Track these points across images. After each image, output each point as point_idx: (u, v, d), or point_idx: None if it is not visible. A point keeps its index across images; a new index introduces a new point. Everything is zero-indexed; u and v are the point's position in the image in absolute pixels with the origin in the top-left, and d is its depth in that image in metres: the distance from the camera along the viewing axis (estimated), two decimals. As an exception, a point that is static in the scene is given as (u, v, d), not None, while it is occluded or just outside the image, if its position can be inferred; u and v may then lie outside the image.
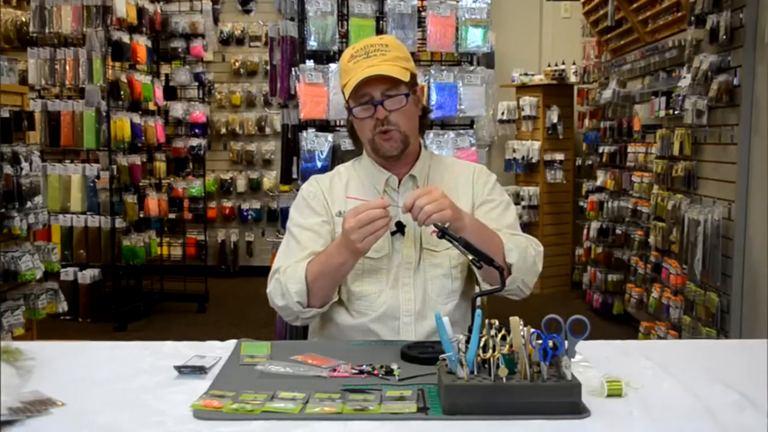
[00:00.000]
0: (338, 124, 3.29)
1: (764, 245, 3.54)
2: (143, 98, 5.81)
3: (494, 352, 1.34)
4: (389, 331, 1.89)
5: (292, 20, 3.37)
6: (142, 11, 5.72)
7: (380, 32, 3.17)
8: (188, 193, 6.55)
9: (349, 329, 1.91)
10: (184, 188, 6.52)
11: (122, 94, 5.49)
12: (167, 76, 6.43)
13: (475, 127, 3.34)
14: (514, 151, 6.82)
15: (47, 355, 1.64)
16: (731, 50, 3.76)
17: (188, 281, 6.24)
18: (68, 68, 5.42)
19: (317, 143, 3.14)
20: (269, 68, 3.75)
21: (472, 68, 3.24)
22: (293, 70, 3.25)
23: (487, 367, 1.35)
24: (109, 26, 5.39)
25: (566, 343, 1.37)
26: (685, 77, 4.08)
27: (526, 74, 6.83)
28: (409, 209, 1.69)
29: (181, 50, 6.27)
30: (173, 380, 1.52)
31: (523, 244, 1.86)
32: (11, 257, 3.87)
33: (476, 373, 1.36)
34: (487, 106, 3.28)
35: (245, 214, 7.68)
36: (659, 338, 4.40)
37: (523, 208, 6.69)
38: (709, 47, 3.94)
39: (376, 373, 1.52)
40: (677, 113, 4.25)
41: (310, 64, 3.16)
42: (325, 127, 3.25)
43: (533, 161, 6.72)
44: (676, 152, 4.25)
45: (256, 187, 7.66)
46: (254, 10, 7.50)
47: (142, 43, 5.76)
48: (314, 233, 1.93)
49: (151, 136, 5.89)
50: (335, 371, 1.54)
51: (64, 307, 4.34)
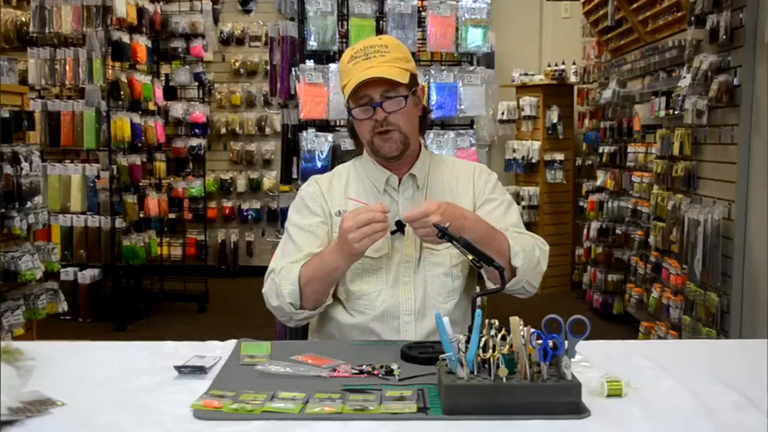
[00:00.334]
0: (338, 124, 3.29)
1: (764, 245, 3.54)
2: (143, 98, 5.81)
3: (494, 352, 1.34)
4: (389, 330, 1.89)
5: (292, 20, 3.37)
6: (142, 11, 5.72)
7: (380, 32, 3.17)
8: (188, 193, 6.54)
9: (349, 328, 1.91)
10: (184, 188, 6.51)
11: (122, 94, 5.49)
12: (167, 76, 6.43)
13: (475, 127, 3.34)
14: (514, 151, 6.81)
15: (47, 355, 1.64)
16: (731, 50, 3.76)
17: (188, 281, 6.24)
18: (68, 68, 5.42)
19: (317, 143, 3.14)
20: (269, 68, 3.75)
21: (472, 68, 3.24)
22: (293, 70, 3.25)
23: (487, 367, 1.35)
24: (109, 26, 5.39)
25: (566, 343, 1.37)
26: (685, 77, 4.08)
27: (526, 74, 6.83)
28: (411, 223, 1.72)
29: (181, 50, 6.27)
30: (173, 380, 1.52)
31: (529, 245, 1.86)
32: (11, 257, 3.87)
33: (476, 373, 1.36)
34: (487, 106, 3.28)
35: (245, 214, 7.68)
36: (659, 338, 4.40)
37: (523, 208, 6.68)
38: (709, 47, 3.94)
39: (376, 373, 1.52)
40: (677, 113, 4.25)
41: (310, 64, 3.16)
42: (325, 127, 3.25)
43: (533, 161, 6.72)
44: (676, 152, 4.25)
45: (256, 187, 7.66)
46: (254, 10, 7.50)
47: (142, 43, 5.76)
48: (311, 234, 1.94)
49: (151, 136, 5.89)
50: (335, 371, 1.54)
51: (64, 307, 4.34)
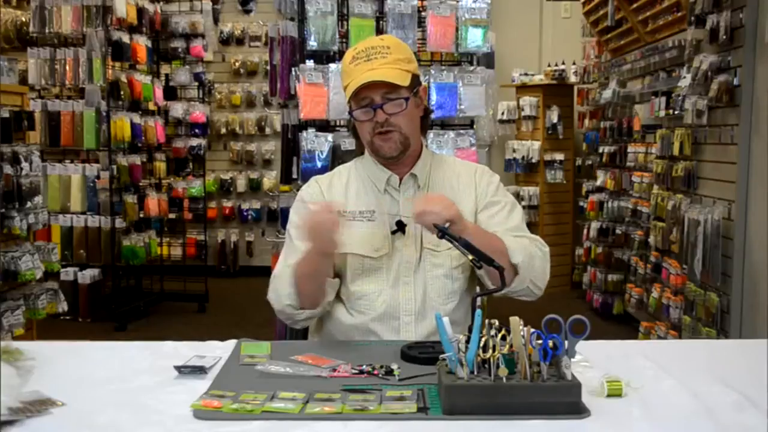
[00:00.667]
0: (338, 124, 3.30)
1: (764, 245, 3.54)
2: (143, 98, 5.81)
3: (494, 352, 1.34)
4: (389, 330, 1.89)
5: (292, 20, 3.37)
6: (142, 11, 5.72)
7: (380, 32, 3.17)
8: (188, 193, 6.54)
9: (349, 328, 1.91)
10: (184, 188, 6.51)
11: (122, 94, 5.49)
12: (167, 76, 6.43)
13: (475, 127, 3.34)
14: (514, 151, 6.81)
15: (47, 355, 1.64)
16: (731, 50, 3.76)
17: (188, 281, 6.24)
18: (68, 68, 5.42)
19: (317, 143, 3.14)
20: (269, 68, 3.75)
21: (472, 68, 3.24)
22: (293, 70, 3.25)
23: (487, 367, 1.35)
24: (109, 26, 5.39)
25: (566, 343, 1.37)
26: (685, 77, 4.08)
27: (526, 74, 6.83)
28: (418, 218, 1.71)
29: (181, 50, 6.27)
30: (173, 380, 1.52)
31: (528, 245, 1.86)
32: (11, 257, 3.87)
33: (476, 373, 1.36)
34: (487, 106, 3.28)
35: (245, 214, 7.67)
36: (659, 338, 4.40)
37: (523, 208, 6.61)
38: (709, 47, 3.94)
39: (376, 373, 1.52)
40: (677, 113, 4.25)
41: (310, 64, 3.16)
42: (325, 127, 3.25)
43: (533, 161, 6.72)
44: (676, 152, 4.25)
45: (256, 187, 7.66)
46: (254, 10, 7.50)
47: (142, 43, 5.76)
48: None
49: (151, 136, 5.88)
50: (335, 371, 1.54)
51: (64, 307, 4.34)
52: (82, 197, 5.49)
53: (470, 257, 1.63)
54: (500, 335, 1.36)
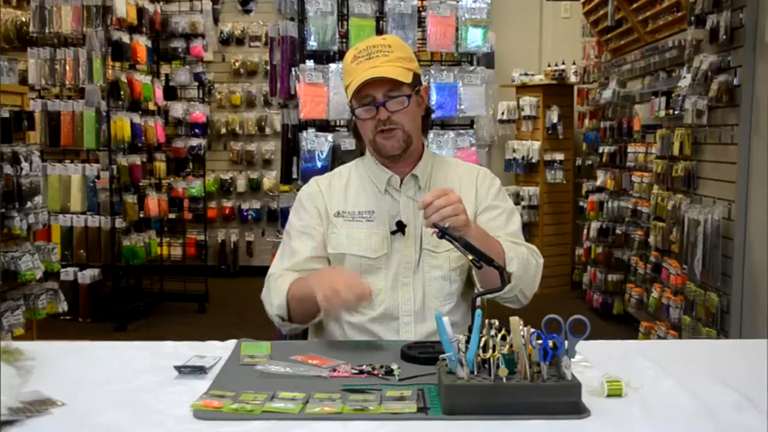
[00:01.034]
0: (338, 124, 3.29)
1: (764, 245, 3.54)
2: (143, 98, 5.81)
3: (494, 352, 1.34)
4: (389, 331, 1.89)
5: (292, 20, 3.37)
6: (142, 11, 5.72)
7: (380, 32, 3.17)
8: (188, 193, 6.54)
9: (348, 329, 1.91)
10: (184, 188, 6.51)
11: (122, 94, 5.49)
12: (167, 76, 6.43)
13: (475, 127, 3.34)
14: (514, 151, 6.81)
15: (47, 355, 1.64)
16: (731, 50, 3.76)
17: (188, 281, 6.24)
18: (68, 68, 5.42)
19: (317, 143, 3.14)
20: (269, 68, 3.75)
21: (472, 68, 3.24)
22: (293, 70, 3.25)
23: (487, 367, 1.35)
24: (109, 26, 5.39)
25: (566, 343, 1.37)
26: (685, 77, 4.08)
27: (526, 74, 6.82)
28: (424, 207, 1.65)
29: (181, 50, 6.27)
30: (173, 380, 1.52)
31: (524, 254, 1.85)
32: (11, 257, 3.87)
33: (476, 373, 1.36)
34: (487, 106, 3.28)
35: (245, 214, 7.67)
36: (659, 338, 4.40)
37: (523, 208, 6.68)
38: (709, 47, 3.94)
39: (376, 373, 1.52)
40: (677, 113, 4.25)
41: (310, 64, 3.16)
42: (325, 127, 3.25)
43: (533, 161, 6.72)
44: (676, 152, 4.25)
45: (256, 187, 7.66)
46: (254, 10, 7.50)
47: (142, 43, 5.76)
48: (307, 236, 1.95)
49: (151, 136, 5.89)
50: (335, 371, 1.54)
51: (64, 307, 4.34)
52: (82, 197, 5.49)
53: (470, 257, 1.63)
54: (500, 335, 1.36)
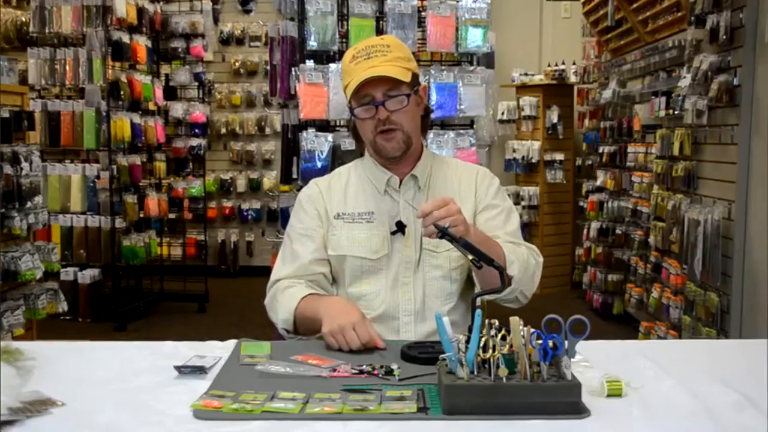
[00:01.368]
0: (338, 124, 3.30)
1: (764, 245, 3.54)
2: (143, 98, 5.81)
3: (494, 352, 1.34)
4: (389, 330, 1.89)
5: (292, 20, 3.37)
6: (142, 11, 5.72)
7: (380, 32, 3.17)
8: (188, 193, 6.54)
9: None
10: (184, 188, 6.51)
11: (122, 94, 5.49)
12: (167, 76, 6.43)
13: (475, 127, 3.34)
14: (514, 151, 6.81)
15: (47, 355, 1.64)
16: (731, 50, 3.76)
17: (188, 281, 6.24)
18: (68, 68, 5.42)
19: (317, 143, 3.14)
20: (269, 68, 3.76)
21: (472, 68, 3.25)
22: (293, 70, 3.25)
23: (487, 367, 1.35)
24: (109, 26, 5.39)
25: (566, 343, 1.37)
26: (685, 77, 4.08)
27: (526, 74, 6.82)
28: (423, 216, 1.66)
29: (181, 50, 6.27)
30: (173, 380, 1.52)
31: (524, 255, 1.85)
32: (11, 257, 3.87)
33: (476, 373, 1.36)
34: (487, 106, 3.28)
35: (245, 214, 7.67)
36: (659, 338, 4.40)
37: (523, 208, 6.68)
38: (709, 47, 3.94)
39: (376, 373, 1.52)
40: (677, 113, 4.25)
41: (310, 64, 3.16)
42: (325, 127, 3.25)
43: (533, 161, 6.72)
44: (676, 152, 4.25)
45: (256, 187, 7.66)
46: (254, 10, 7.50)
47: (142, 43, 5.76)
48: (307, 238, 1.95)
49: (151, 136, 5.88)
50: (335, 371, 1.54)
51: (64, 307, 4.34)
52: (82, 197, 5.49)
53: (470, 257, 1.63)
54: (500, 335, 1.36)
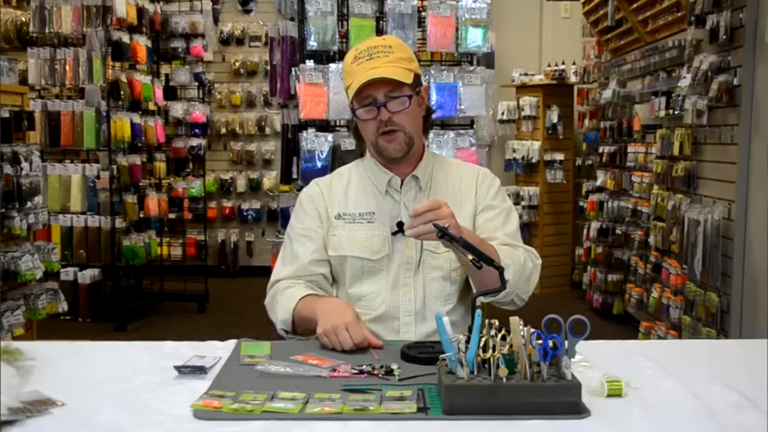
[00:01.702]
0: (338, 124, 3.30)
1: (764, 245, 3.54)
2: (143, 98, 5.80)
3: (494, 352, 1.34)
4: (389, 331, 1.89)
5: (292, 20, 3.37)
6: (142, 11, 5.72)
7: (380, 32, 3.17)
8: (188, 193, 6.54)
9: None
10: (184, 188, 6.51)
11: (122, 94, 5.49)
12: (167, 76, 6.43)
13: (475, 127, 3.34)
14: (514, 151, 6.81)
15: (47, 355, 1.64)
16: (731, 50, 3.76)
17: (188, 281, 6.23)
18: (68, 68, 5.42)
19: (317, 143, 3.14)
20: (269, 68, 3.76)
21: (472, 68, 3.24)
22: (293, 70, 3.25)
23: (487, 367, 1.35)
24: (109, 26, 5.39)
25: (566, 343, 1.37)
26: (685, 77, 4.08)
27: (526, 74, 6.82)
28: (415, 216, 1.65)
29: (181, 50, 6.27)
30: (173, 380, 1.52)
31: (520, 259, 1.85)
32: (11, 257, 3.87)
33: (476, 373, 1.36)
34: (487, 106, 3.28)
35: (245, 214, 7.67)
36: (659, 338, 4.40)
37: (523, 208, 6.68)
38: (709, 47, 3.94)
39: (376, 373, 1.52)
40: (677, 113, 4.25)
41: (310, 64, 3.16)
42: (325, 127, 3.25)
43: (533, 161, 6.72)
44: (676, 152, 4.25)
45: (256, 187, 7.66)
46: (254, 10, 7.50)
47: (142, 43, 5.76)
48: (307, 238, 1.95)
49: (151, 136, 5.88)
50: (335, 371, 1.54)
51: (64, 307, 4.34)
52: (82, 197, 5.49)
53: (470, 257, 1.63)
54: (500, 335, 1.36)
